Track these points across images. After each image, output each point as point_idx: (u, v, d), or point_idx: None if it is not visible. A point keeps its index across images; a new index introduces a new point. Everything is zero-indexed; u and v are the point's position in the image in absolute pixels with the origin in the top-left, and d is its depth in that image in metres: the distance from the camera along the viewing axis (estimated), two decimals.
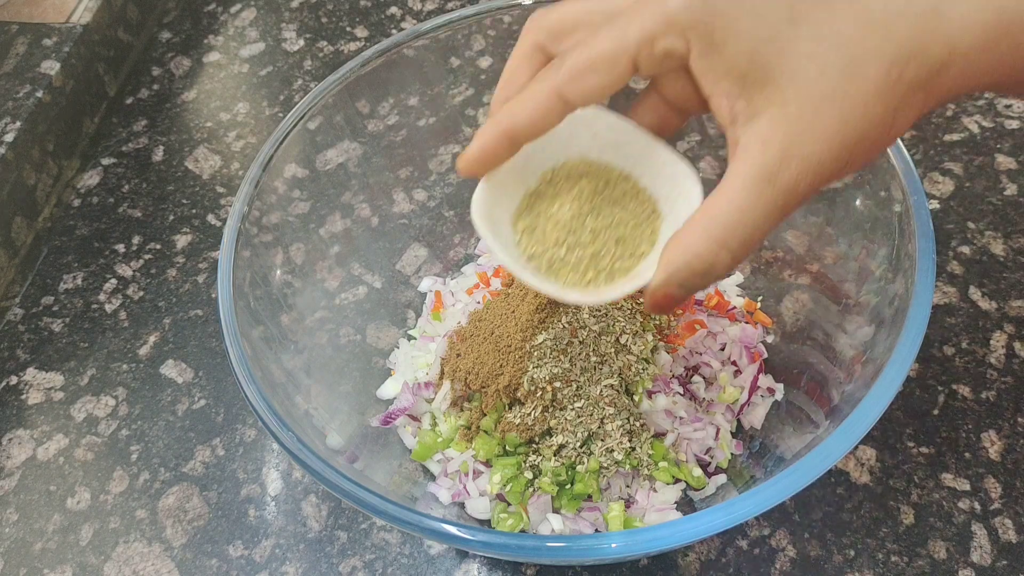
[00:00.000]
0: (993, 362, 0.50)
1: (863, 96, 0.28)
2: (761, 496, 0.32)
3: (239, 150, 0.67)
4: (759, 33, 0.28)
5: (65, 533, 0.48)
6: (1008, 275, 0.53)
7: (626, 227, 0.36)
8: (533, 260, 0.36)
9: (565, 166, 0.37)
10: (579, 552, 0.32)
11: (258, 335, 0.42)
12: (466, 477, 0.44)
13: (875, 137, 0.28)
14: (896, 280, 0.39)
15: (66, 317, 0.58)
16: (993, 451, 0.47)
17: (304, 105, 0.47)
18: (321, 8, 0.78)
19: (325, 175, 0.51)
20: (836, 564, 0.43)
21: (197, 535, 0.47)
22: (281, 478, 0.49)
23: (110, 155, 0.68)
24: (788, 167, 0.28)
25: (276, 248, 0.47)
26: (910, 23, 0.28)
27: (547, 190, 0.37)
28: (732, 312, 0.50)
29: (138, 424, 0.52)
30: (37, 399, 0.54)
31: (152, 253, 0.61)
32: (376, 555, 0.46)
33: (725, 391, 0.47)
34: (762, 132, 0.28)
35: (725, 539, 0.45)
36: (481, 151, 0.33)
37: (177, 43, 0.76)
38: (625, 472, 0.44)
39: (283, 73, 0.73)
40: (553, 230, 0.36)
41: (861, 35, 0.28)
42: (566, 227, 0.36)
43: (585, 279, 0.36)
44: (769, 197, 0.28)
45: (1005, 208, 0.57)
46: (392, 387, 0.50)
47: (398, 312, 0.54)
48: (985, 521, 0.44)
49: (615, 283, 0.36)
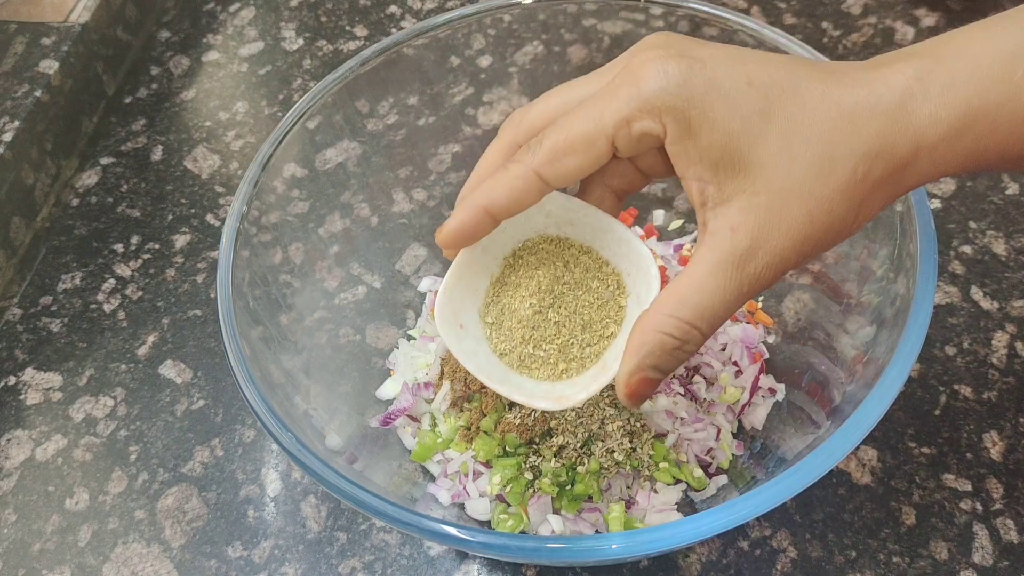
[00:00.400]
0: (995, 362, 0.50)
1: (829, 194, 0.29)
2: (762, 497, 0.32)
3: (238, 149, 0.67)
4: (732, 124, 0.28)
5: (64, 534, 0.48)
6: (1010, 275, 0.53)
7: (591, 309, 0.37)
8: (504, 357, 0.37)
9: (525, 245, 0.38)
10: (579, 553, 0.32)
11: (257, 335, 0.41)
12: (466, 478, 0.44)
13: (838, 230, 0.30)
14: (898, 280, 0.39)
15: (65, 317, 0.58)
16: (995, 451, 0.46)
17: (303, 104, 0.47)
18: (320, 7, 0.78)
19: (324, 174, 0.51)
20: (837, 565, 0.43)
21: (196, 536, 0.47)
22: (280, 479, 0.49)
23: (109, 155, 0.68)
24: (755, 258, 0.29)
25: (275, 248, 0.47)
26: (879, 121, 0.28)
27: (510, 277, 0.38)
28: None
29: (137, 424, 0.52)
30: (35, 399, 0.54)
31: (151, 253, 0.61)
32: (376, 556, 0.46)
33: (726, 391, 0.47)
34: (732, 219, 0.29)
35: (726, 540, 0.45)
36: (461, 226, 0.33)
37: (176, 42, 0.76)
38: (626, 473, 0.43)
39: (282, 72, 0.73)
40: (518, 327, 0.37)
41: (830, 132, 0.28)
42: (529, 323, 0.37)
43: (558, 370, 0.37)
44: (736, 283, 0.30)
45: (1007, 207, 0.56)
46: (392, 387, 0.50)
47: (398, 312, 0.54)
48: (987, 522, 0.44)
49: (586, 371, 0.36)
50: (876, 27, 0.69)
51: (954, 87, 0.28)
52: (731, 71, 0.29)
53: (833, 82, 0.29)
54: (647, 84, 0.29)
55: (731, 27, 0.46)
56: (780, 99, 0.29)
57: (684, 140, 0.29)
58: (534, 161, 0.31)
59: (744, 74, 0.29)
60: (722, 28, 0.47)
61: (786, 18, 0.71)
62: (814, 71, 0.30)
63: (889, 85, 0.29)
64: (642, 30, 0.51)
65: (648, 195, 0.56)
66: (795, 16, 0.71)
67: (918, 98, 0.28)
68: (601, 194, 0.36)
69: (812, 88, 0.29)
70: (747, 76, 0.29)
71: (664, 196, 0.56)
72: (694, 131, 0.29)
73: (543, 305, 0.37)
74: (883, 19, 0.70)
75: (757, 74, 0.29)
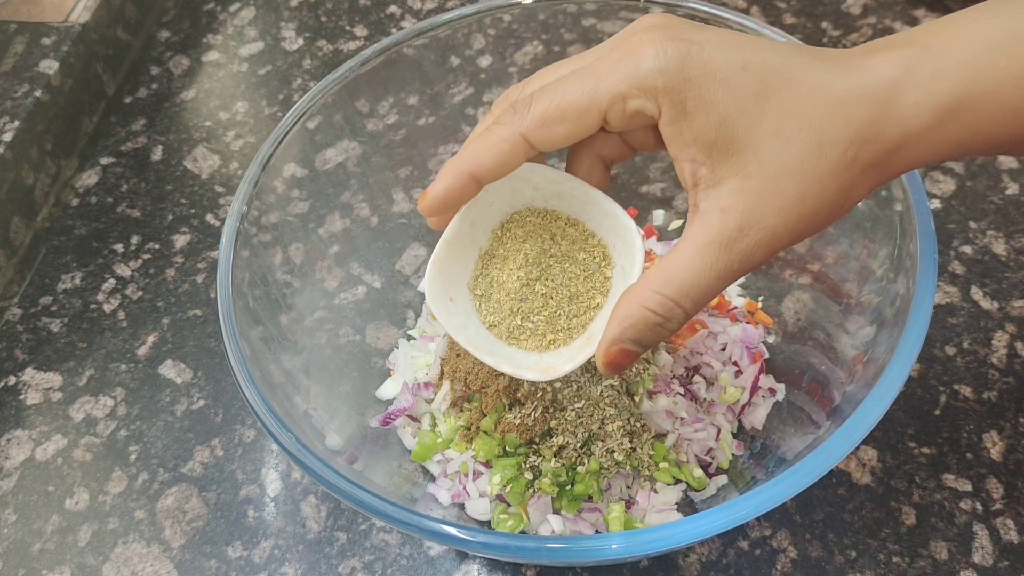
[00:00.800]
0: (995, 362, 0.50)
1: (820, 174, 0.29)
2: (762, 497, 0.32)
3: (238, 149, 0.67)
4: (728, 107, 0.29)
5: (64, 534, 0.48)
6: (1010, 275, 0.53)
7: (578, 280, 0.38)
8: (493, 328, 0.38)
9: (513, 218, 0.38)
10: (579, 553, 0.32)
11: (257, 335, 0.41)
12: (466, 478, 0.44)
13: (828, 211, 0.30)
14: (897, 280, 0.39)
15: (64, 317, 0.58)
16: (995, 451, 0.46)
17: (303, 104, 0.47)
18: (320, 7, 0.78)
19: (324, 174, 0.51)
20: (837, 565, 0.43)
21: (196, 536, 0.47)
22: (280, 479, 0.49)
23: (109, 155, 0.68)
24: (745, 236, 0.30)
25: (275, 248, 0.47)
26: (868, 108, 0.29)
27: (498, 250, 0.38)
28: (733, 312, 0.50)
29: (137, 424, 0.52)
30: (35, 399, 0.54)
31: (151, 253, 0.61)
32: (376, 556, 0.46)
33: (726, 391, 0.47)
34: (723, 201, 0.30)
35: (726, 540, 0.45)
36: (445, 190, 0.33)
37: (176, 42, 0.76)
38: (626, 473, 0.43)
39: (282, 72, 0.73)
40: (506, 300, 0.38)
41: (822, 116, 0.29)
42: (517, 296, 0.37)
43: (545, 341, 0.37)
44: (725, 263, 0.30)
45: (1007, 207, 0.56)
46: (392, 387, 0.50)
47: (397, 312, 0.54)
48: (987, 522, 0.44)
49: (573, 342, 0.37)
50: (875, 27, 0.69)
51: (939, 77, 0.29)
52: (728, 55, 0.29)
53: (826, 68, 0.30)
54: (645, 63, 0.29)
55: (731, 27, 0.46)
56: (775, 84, 0.29)
57: (679, 121, 0.30)
58: (522, 125, 0.31)
59: (740, 58, 0.29)
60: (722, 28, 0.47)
61: (786, 18, 0.71)
62: (808, 57, 0.30)
63: (879, 74, 0.29)
64: None
65: (648, 195, 0.56)
66: (795, 16, 0.71)
67: (905, 88, 0.29)
68: (591, 164, 0.36)
69: (806, 74, 0.29)
70: (743, 61, 0.29)
71: (664, 196, 0.56)
72: (689, 113, 0.29)
73: (531, 277, 0.37)
74: (882, 19, 0.70)
75: (752, 59, 0.29)
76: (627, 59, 0.30)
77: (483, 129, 0.34)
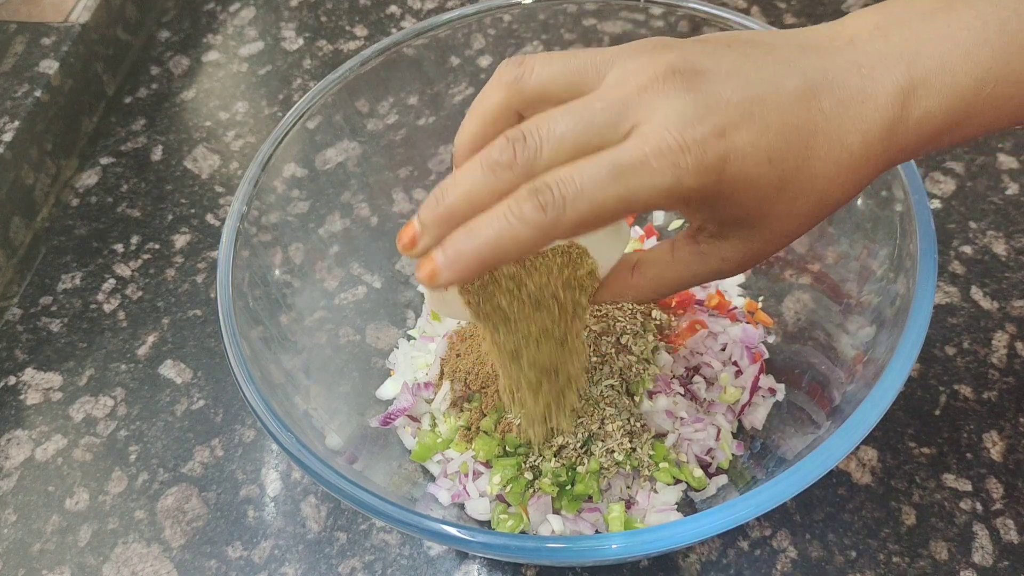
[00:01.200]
0: (995, 362, 0.50)
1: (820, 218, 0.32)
2: (762, 497, 0.32)
3: (238, 149, 0.67)
4: (749, 202, 0.30)
5: (64, 534, 0.48)
6: (1010, 275, 0.53)
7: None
8: None
9: None
10: (579, 553, 0.32)
11: (257, 335, 0.41)
12: (466, 478, 0.44)
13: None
14: (897, 280, 0.39)
15: (64, 317, 0.58)
16: (995, 451, 0.46)
17: (303, 104, 0.47)
18: (320, 7, 0.78)
19: (324, 174, 0.51)
20: (837, 565, 0.43)
21: (196, 536, 0.47)
22: (280, 479, 0.49)
23: (109, 155, 0.68)
24: (736, 271, 0.34)
25: (275, 248, 0.47)
26: (873, 167, 0.31)
27: None
28: (733, 312, 0.50)
29: (137, 424, 0.52)
30: (35, 399, 0.54)
31: (151, 253, 0.61)
32: (376, 556, 0.46)
33: (726, 391, 0.47)
34: (724, 252, 0.33)
35: (726, 540, 0.45)
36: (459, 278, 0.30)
37: (176, 42, 0.76)
38: (626, 473, 0.43)
39: (282, 72, 0.73)
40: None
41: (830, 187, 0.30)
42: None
43: None
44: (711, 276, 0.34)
45: (1007, 207, 0.56)
46: (392, 387, 0.50)
47: (398, 312, 0.54)
48: (987, 522, 0.44)
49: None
50: None
51: (931, 116, 0.30)
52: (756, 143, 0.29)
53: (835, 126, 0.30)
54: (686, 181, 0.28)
55: (731, 27, 0.46)
56: (794, 175, 0.30)
57: (702, 210, 0.31)
58: (555, 230, 0.29)
59: (766, 146, 0.29)
60: (721, 28, 0.47)
61: (786, 18, 0.71)
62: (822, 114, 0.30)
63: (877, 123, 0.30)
64: (642, 30, 0.51)
65: None
66: (795, 16, 0.71)
67: (899, 133, 0.30)
68: None
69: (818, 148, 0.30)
70: (768, 150, 0.29)
71: None
72: (715, 208, 0.30)
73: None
74: None
75: (776, 144, 0.29)
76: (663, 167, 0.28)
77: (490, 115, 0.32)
